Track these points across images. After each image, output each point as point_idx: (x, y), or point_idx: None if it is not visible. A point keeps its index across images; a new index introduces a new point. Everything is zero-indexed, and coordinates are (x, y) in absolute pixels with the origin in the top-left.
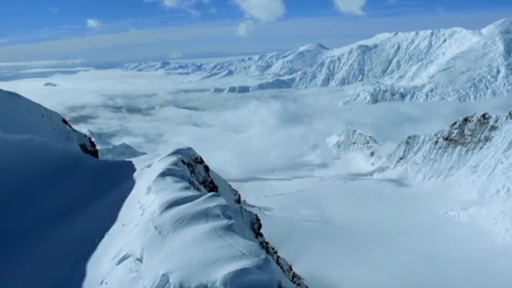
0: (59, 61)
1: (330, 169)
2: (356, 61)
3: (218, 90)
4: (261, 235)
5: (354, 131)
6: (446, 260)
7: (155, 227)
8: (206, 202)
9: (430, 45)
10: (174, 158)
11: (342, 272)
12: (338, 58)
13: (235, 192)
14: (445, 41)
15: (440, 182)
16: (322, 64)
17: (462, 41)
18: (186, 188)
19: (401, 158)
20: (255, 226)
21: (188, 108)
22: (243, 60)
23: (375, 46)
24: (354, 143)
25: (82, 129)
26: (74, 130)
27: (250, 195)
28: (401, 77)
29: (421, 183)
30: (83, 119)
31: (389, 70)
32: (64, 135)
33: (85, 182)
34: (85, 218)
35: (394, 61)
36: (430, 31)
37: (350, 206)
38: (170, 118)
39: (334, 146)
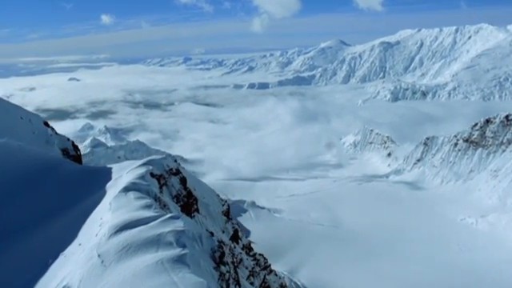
0: (85, 56)
1: (345, 169)
2: (377, 58)
3: (238, 87)
4: (224, 264)
5: (372, 131)
6: (461, 270)
7: (98, 255)
8: (161, 225)
9: (455, 42)
10: (141, 171)
11: (348, 281)
12: (360, 55)
13: (223, 202)
14: (470, 37)
15: (459, 186)
16: (343, 61)
17: (487, 38)
18: (147, 206)
19: (418, 160)
20: (216, 255)
21: (206, 104)
22: (265, 56)
23: (397, 42)
24: (371, 143)
25: (100, 124)
26: (56, 133)
27: (262, 196)
28: (423, 74)
29: (438, 187)
30: (102, 114)
31: (411, 68)
32: (44, 139)
33: (57, 191)
34: (46, 232)
35: (417, 58)
36: (454, 28)
37: (363, 209)
38: (187, 114)
39: (350, 145)
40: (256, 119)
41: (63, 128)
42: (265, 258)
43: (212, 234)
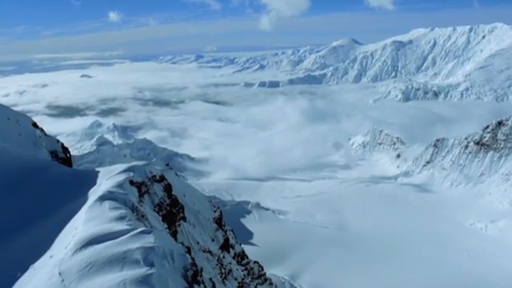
0: (97, 53)
1: (354, 170)
2: (389, 57)
3: (248, 85)
4: (198, 283)
5: (381, 131)
6: (469, 276)
7: (59, 273)
8: (130, 241)
9: (468, 41)
10: (120, 178)
11: (352, 287)
12: (371, 54)
13: (215, 208)
14: (484, 37)
15: (469, 189)
16: (355, 60)
17: (502, 37)
18: (121, 218)
19: (428, 162)
20: (189, 273)
21: (216, 102)
22: (276, 54)
23: (410, 41)
24: (380, 144)
25: (110, 121)
26: (45, 134)
27: (268, 196)
28: (435, 74)
29: (448, 190)
30: (112, 111)
31: (423, 67)
32: (31, 141)
33: (39, 196)
34: (21, 241)
35: (429, 57)
36: (468, 27)
37: (370, 211)
38: (196, 112)
39: (359, 146)
40: (265, 118)
41: (72, 125)
42: (260, 266)
43: (189, 249)
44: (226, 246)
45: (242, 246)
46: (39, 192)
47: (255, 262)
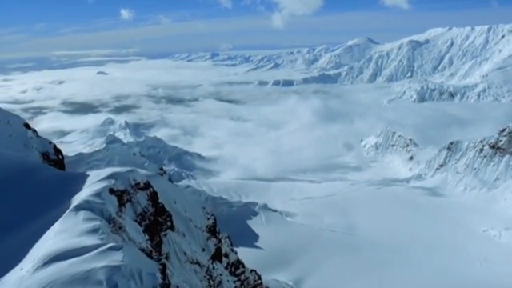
0: (114, 50)
1: (365, 172)
2: (405, 56)
3: (262, 83)
4: None
5: (394, 133)
6: (480, 285)
7: None
8: (96, 258)
9: (487, 41)
10: (99, 186)
11: None
12: (387, 54)
13: (209, 216)
14: (503, 37)
15: (483, 194)
16: (370, 59)
17: None
18: (93, 231)
19: (441, 165)
20: None
21: (229, 101)
22: (292, 53)
23: (427, 41)
24: (393, 146)
25: (123, 118)
26: (37, 135)
27: (277, 197)
28: (452, 75)
29: (461, 194)
30: (126, 109)
31: (440, 67)
32: (22, 142)
33: (25, 200)
34: None
35: (446, 57)
36: (487, 26)
37: (379, 215)
38: (209, 110)
39: (371, 147)
40: (277, 117)
41: (86, 122)
42: (257, 274)
43: (164, 266)
44: (217, 256)
45: (247, 249)
46: (24, 196)
47: (252, 270)
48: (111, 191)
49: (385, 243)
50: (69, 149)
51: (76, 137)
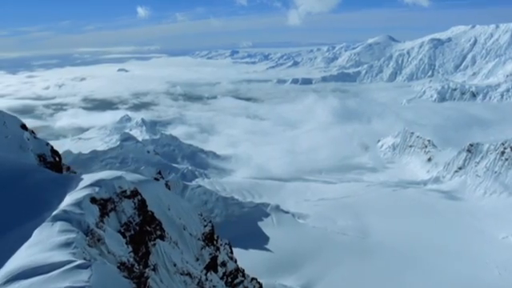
0: (136, 47)
1: (381, 174)
2: (427, 55)
3: (281, 82)
4: None
5: (412, 133)
6: None
7: None
8: (60, 278)
9: None
10: (80, 195)
11: None
12: (408, 52)
13: (206, 223)
14: None
15: (503, 199)
16: (390, 57)
17: None
18: (66, 245)
19: (460, 168)
20: None
21: (247, 99)
22: (311, 51)
23: (449, 39)
24: (411, 147)
25: (141, 115)
26: (35, 137)
27: (290, 198)
28: (474, 74)
29: (480, 199)
30: (144, 106)
31: (462, 66)
32: (17, 144)
33: (16, 205)
34: None
35: (469, 56)
36: None
37: (394, 218)
38: (227, 108)
39: (388, 148)
40: (294, 116)
41: (104, 119)
42: (258, 283)
43: (146, 279)
44: (212, 266)
45: (256, 251)
46: (14, 200)
47: (253, 278)
48: (93, 200)
49: (399, 248)
50: (87, 145)
51: (94, 133)
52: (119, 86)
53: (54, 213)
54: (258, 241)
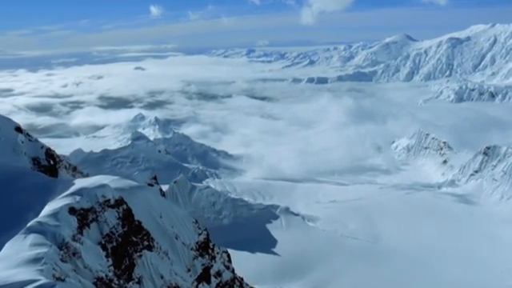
0: (153, 45)
1: (395, 176)
2: (444, 54)
3: (296, 81)
4: None
5: (427, 135)
6: None
7: None
8: None
9: None
10: (58, 205)
11: None
12: (425, 51)
13: (201, 231)
14: None
15: None
16: (407, 57)
17: None
18: (35, 260)
19: (476, 171)
20: None
21: (262, 98)
22: (328, 50)
23: (468, 38)
24: (426, 148)
25: (156, 114)
26: (30, 139)
27: (301, 199)
28: (493, 74)
29: (496, 204)
30: (159, 104)
31: (481, 66)
32: (10, 147)
33: (3, 210)
34: None
35: (488, 55)
36: None
37: (407, 222)
38: (241, 107)
39: (403, 149)
40: (309, 116)
41: (119, 117)
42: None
43: None
44: (205, 277)
45: (264, 254)
46: (5, 205)
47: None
48: (72, 210)
49: (410, 254)
50: (101, 143)
51: (108, 132)
52: (135, 85)
53: (29, 224)
54: (266, 244)
